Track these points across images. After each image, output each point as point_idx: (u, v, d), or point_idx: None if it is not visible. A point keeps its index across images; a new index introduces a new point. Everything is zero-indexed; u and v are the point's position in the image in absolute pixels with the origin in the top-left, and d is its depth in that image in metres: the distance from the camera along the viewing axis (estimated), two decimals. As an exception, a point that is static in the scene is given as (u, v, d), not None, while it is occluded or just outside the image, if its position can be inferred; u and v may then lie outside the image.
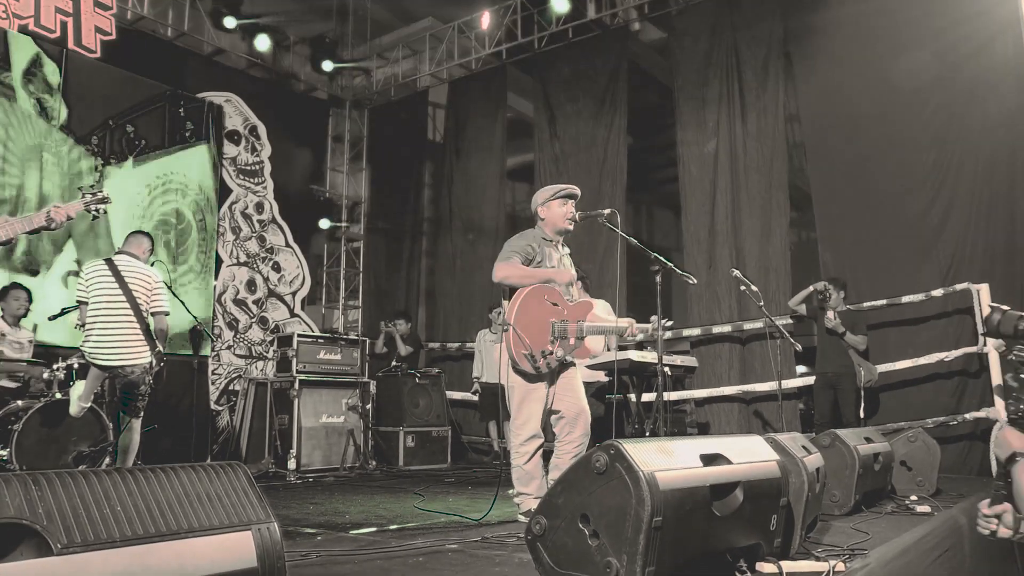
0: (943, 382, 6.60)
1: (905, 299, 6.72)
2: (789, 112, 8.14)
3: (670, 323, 4.14)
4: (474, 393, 8.53)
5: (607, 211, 3.98)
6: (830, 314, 6.37)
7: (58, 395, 5.30)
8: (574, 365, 4.00)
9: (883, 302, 6.84)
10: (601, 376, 6.33)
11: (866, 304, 6.84)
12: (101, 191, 4.71)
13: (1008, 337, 2.73)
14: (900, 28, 7.06)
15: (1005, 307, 2.79)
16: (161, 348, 4.97)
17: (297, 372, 7.39)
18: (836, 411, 6.37)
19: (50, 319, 5.95)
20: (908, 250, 6.88)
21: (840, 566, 2.67)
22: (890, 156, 7.07)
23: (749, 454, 2.58)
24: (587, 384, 4.52)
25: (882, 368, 6.52)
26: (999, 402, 6.06)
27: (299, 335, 7.60)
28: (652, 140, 10.75)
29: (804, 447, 3.27)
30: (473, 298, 9.85)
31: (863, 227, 7.16)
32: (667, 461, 2.25)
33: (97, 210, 4.64)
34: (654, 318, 3.90)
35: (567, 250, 4.18)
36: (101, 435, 5.27)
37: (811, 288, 6.61)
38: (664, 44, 9.33)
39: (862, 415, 6.15)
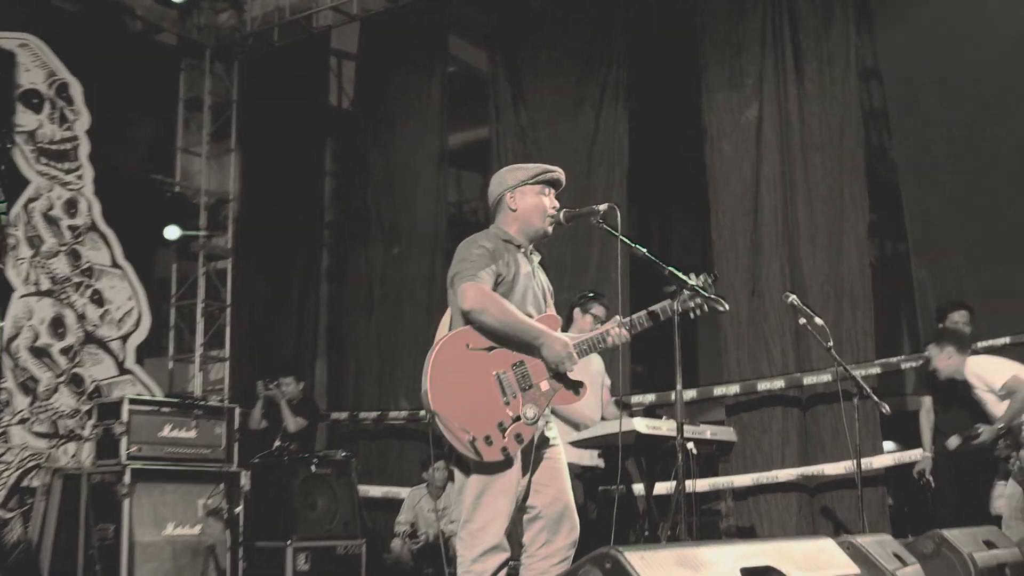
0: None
1: (1040, 336, 6.87)
2: (865, 64, 8.28)
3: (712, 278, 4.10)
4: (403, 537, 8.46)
5: (603, 207, 4.00)
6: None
7: None
8: (555, 443, 3.98)
9: (1006, 340, 6.96)
10: (591, 458, 6.31)
11: (981, 343, 6.95)
12: None
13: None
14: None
15: None
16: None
17: (129, 458, 7.25)
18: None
19: None
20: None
21: None
22: (1012, 131, 7.23)
23: (815, 566, 2.58)
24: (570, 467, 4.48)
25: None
26: None
27: (132, 401, 7.46)
28: (665, 104, 10.84)
29: (897, 556, 3.29)
30: (401, 343, 9.78)
31: (975, 233, 7.30)
32: (692, 577, 2.24)
33: None
34: (617, 318, 3.93)
35: (538, 257, 4.18)
36: None
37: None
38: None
39: None
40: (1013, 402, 5.99)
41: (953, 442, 6.53)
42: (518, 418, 3.77)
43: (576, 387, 3.90)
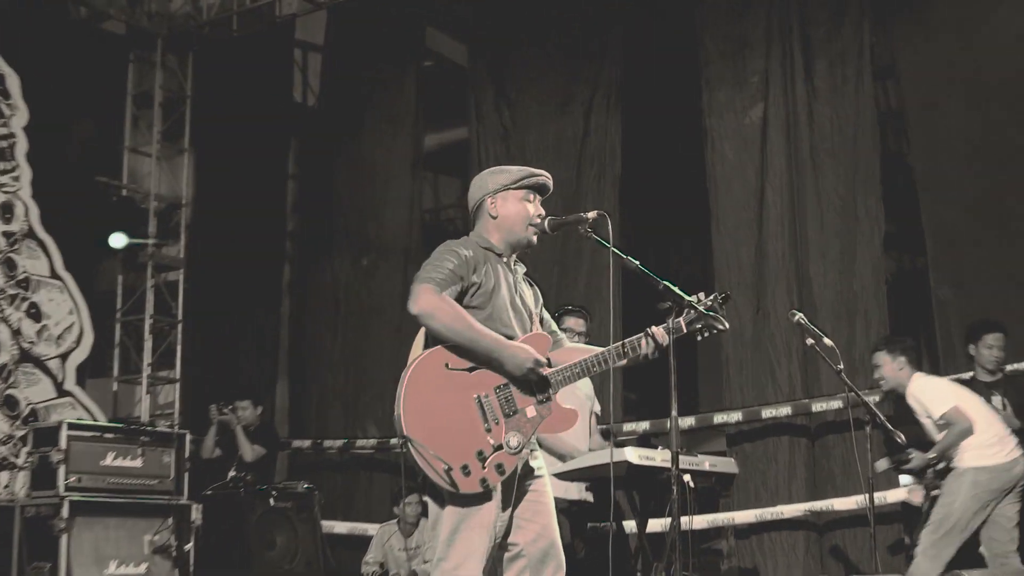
0: None
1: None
2: (880, 62, 8.32)
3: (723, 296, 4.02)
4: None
5: (592, 214, 3.98)
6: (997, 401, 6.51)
7: None
8: (540, 474, 3.97)
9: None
10: (579, 491, 6.31)
11: (1009, 367, 6.97)
12: None
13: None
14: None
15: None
16: None
17: (67, 489, 7.22)
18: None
19: None
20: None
21: None
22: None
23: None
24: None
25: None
26: None
27: (72, 426, 7.44)
28: (662, 104, 10.87)
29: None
30: (369, 365, 9.76)
31: (998, 247, 7.35)
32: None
33: None
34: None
35: (523, 269, 4.17)
36: None
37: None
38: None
39: None
40: (948, 434, 6.08)
41: (882, 464, 6.64)
42: (500, 446, 3.74)
43: (567, 415, 3.89)
